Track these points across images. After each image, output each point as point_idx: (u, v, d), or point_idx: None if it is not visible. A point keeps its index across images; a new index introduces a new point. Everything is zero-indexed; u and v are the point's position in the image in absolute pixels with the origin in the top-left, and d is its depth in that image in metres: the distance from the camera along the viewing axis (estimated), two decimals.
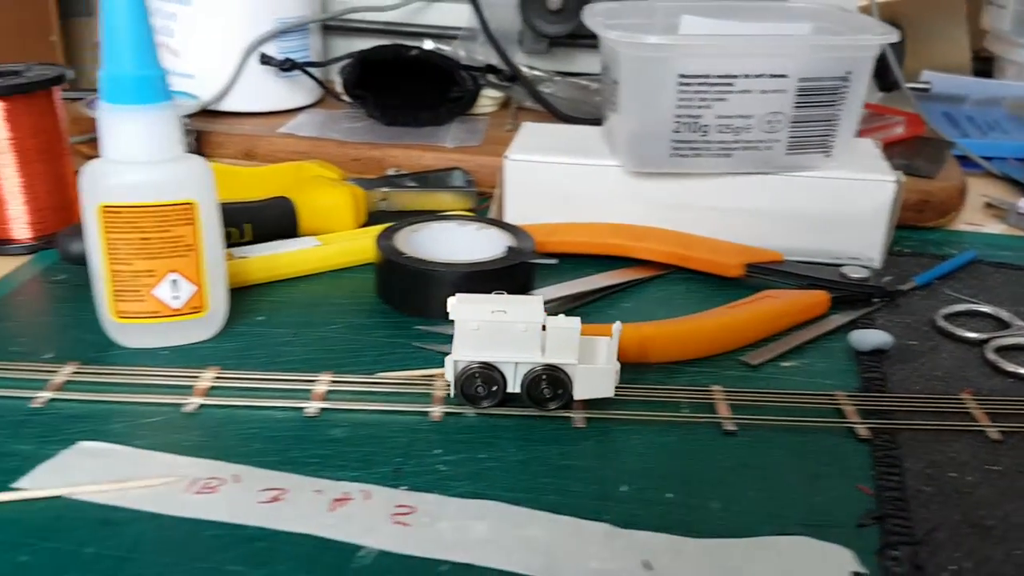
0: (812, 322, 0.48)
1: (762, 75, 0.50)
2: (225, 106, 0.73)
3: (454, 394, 0.40)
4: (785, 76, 0.50)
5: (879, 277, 0.53)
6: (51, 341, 0.44)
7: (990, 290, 0.53)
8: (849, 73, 0.51)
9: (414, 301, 0.48)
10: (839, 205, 0.53)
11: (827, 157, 0.53)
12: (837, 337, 0.47)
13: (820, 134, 0.52)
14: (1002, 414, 0.41)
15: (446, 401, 0.40)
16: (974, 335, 0.47)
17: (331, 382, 0.41)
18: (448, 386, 0.40)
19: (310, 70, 0.74)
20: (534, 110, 0.77)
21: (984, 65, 0.98)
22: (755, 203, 0.54)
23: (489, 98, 0.77)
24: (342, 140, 0.68)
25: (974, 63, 0.96)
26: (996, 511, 0.35)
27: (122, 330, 0.43)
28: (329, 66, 0.76)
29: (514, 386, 0.39)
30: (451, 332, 0.39)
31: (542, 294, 0.50)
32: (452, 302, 0.39)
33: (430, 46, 0.79)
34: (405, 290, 0.48)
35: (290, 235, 0.54)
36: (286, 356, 0.44)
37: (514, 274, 0.49)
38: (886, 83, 0.75)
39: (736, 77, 0.50)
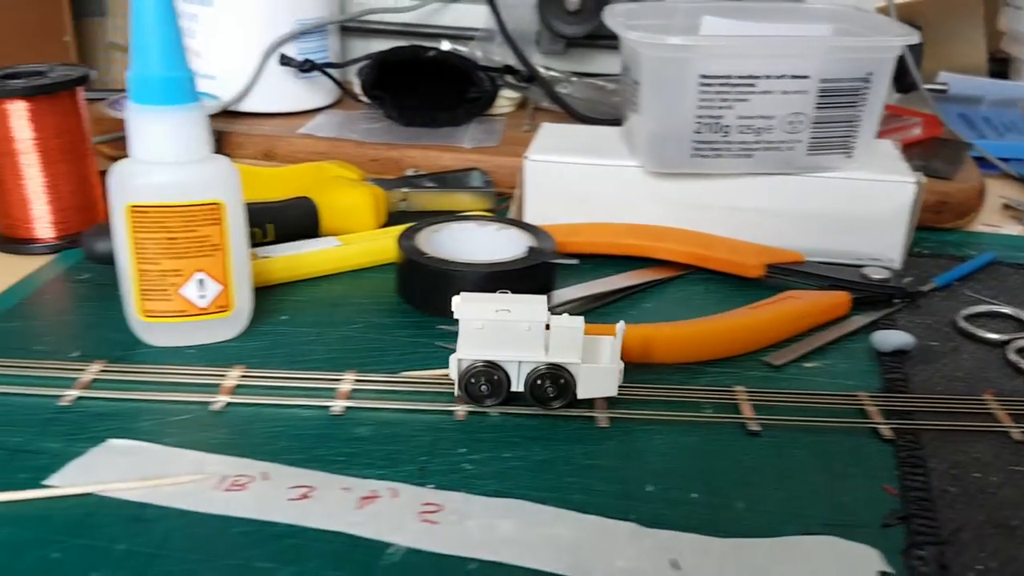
0: (833, 323, 0.48)
1: (784, 76, 0.50)
2: (245, 107, 0.73)
3: (458, 393, 0.40)
4: (807, 77, 0.50)
5: (899, 278, 0.53)
6: (77, 340, 0.44)
7: (1010, 291, 0.53)
8: (870, 74, 0.51)
9: (436, 301, 0.48)
10: (860, 206, 0.53)
11: (848, 158, 0.53)
12: (858, 338, 0.47)
13: (841, 135, 0.52)
14: None
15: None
16: (995, 336, 0.47)
17: (355, 381, 0.42)
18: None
19: (329, 71, 0.74)
20: (551, 111, 0.78)
21: (1000, 66, 0.98)
22: (775, 203, 0.54)
23: (506, 99, 0.77)
24: (360, 141, 0.68)
25: (990, 64, 0.96)
26: (1020, 511, 0.35)
27: (149, 329, 0.43)
28: (347, 67, 0.76)
29: (518, 385, 0.40)
30: None
31: (562, 294, 0.50)
32: (456, 301, 0.39)
33: (447, 47, 0.79)
34: (427, 290, 0.48)
35: (311, 235, 0.55)
36: (310, 355, 0.44)
37: (535, 274, 0.49)
38: (904, 84, 0.75)
39: (758, 78, 0.50)
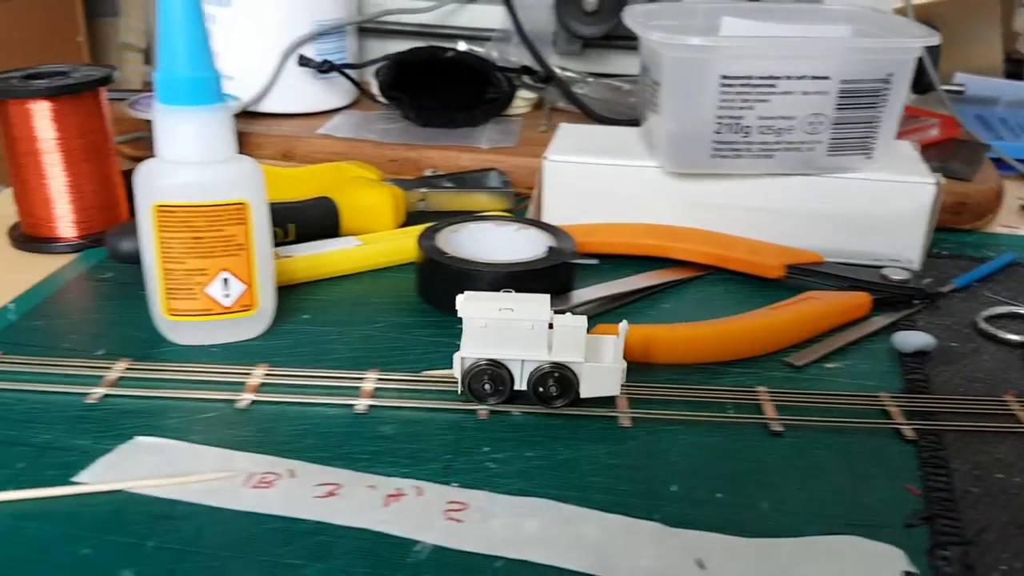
0: (854, 323, 0.48)
1: (804, 77, 0.50)
2: (263, 107, 0.73)
3: (461, 391, 0.40)
4: (827, 78, 0.50)
5: (919, 279, 0.53)
6: (102, 338, 0.45)
7: None
8: (891, 75, 0.51)
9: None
10: (879, 207, 0.53)
11: (868, 159, 0.53)
12: (879, 339, 0.47)
13: (861, 136, 0.52)
14: None
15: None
16: (1015, 337, 0.47)
17: (377, 380, 0.42)
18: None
19: (347, 72, 0.74)
20: (567, 111, 0.78)
21: (1017, 67, 0.97)
22: (794, 204, 0.54)
23: (522, 99, 0.78)
24: (378, 141, 0.69)
25: (1006, 65, 0.96)
26: None
27: (174, 327, 0.44)
28: (365, 68, 0.76)
29: (521, 383, 0.40)
30: None
31: (582, 294, 0.50)
32: (460, 300, 0.39)
33: (463, 48, 0.79)
34: (448, 290, 0.48)
35: (332, 235, 0.55)
36: (332, 354, 0.44)
37: (555, 274, 0.49)
38: (920, 85, 0.74)
39: (779, 79, 0.50)
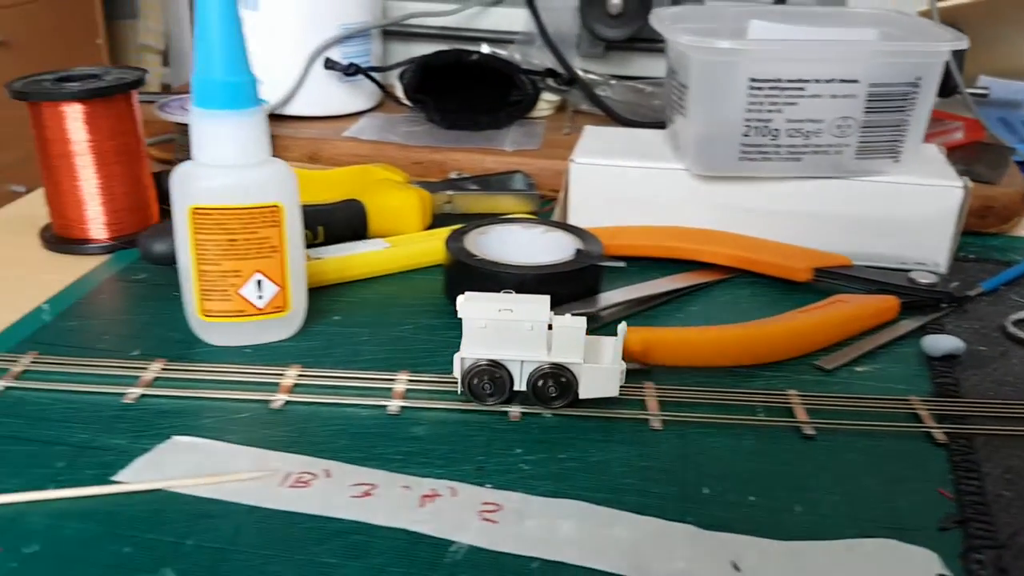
0: (882, 327, 0.48)
1: (833, 80, 0.50)
2: (289, 110, 0.74)
3: (461, 391, 0.40)
4: (856, 81, 0.50)
5: (946, 283, 0.52)
6: (136, 338, 0.45)
7: None
8: (919, 79, 0.51)
9: None
10: (907, 210, 0.53)
11: (896, 162, 0.53)
12: (907, 342, 0.47)
13: (889, 139, 0.52)
14: None
15: (523, 401, 0.41)
16: None
17: (408, 381, 0.42)
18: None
19: (372, 75, 0.75)
20: (590, 113, 0.78)
21: None
22: (821, 207, 0.54)
23: (546, 102, 0.78)
24: (403, 144, 0.69)
25: None
26: None
27: (208, 328, 0.44)
28: (389, 71, 0.77)
29: (520, 384, 0.40)
30: None
31: (608, 297, 0.50)
32: (460, 300, 0.40)
33: (487, 50, 0.79)
34: (476, 291, 0.49)
35: (360, 237, 0.55)
36: (363, 355, 0.45)
37: (583, 277, 0.49)
38: (945, 88, 0.74)
39: (807, 82, 0.50)
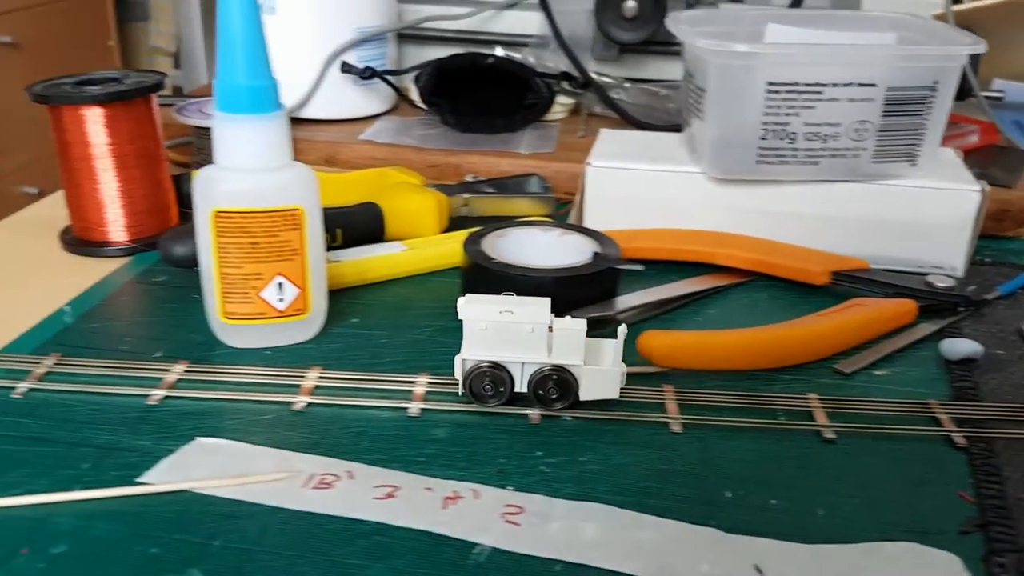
0: (900, 330, 0.48)
1: (851, 84, 0.50)
2: (305, 113, 0.74)
3: (462, 392, 0.41)
4: (874, 85, 0.50)
5: (963, 286, 0.52)
6: (158, 340, 0.46)
7: None
8: (936, 83, 0.51)
9: None
10: (924, 214, 0.53)
11: (913, 166, 0.53)
12: (925, 346, 0.47)
13: (907, 143, 0.52)
14: None
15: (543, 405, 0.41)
16: None
17: (428, 383, 0.42)
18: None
19: (388, 78, 0.75)
20: (604, 116, 0.78)
21: None
22: (838, 210, 0.54)
23: (560, 105, 0.78)
24: (419, 147, 0.69)
25: None
26: None
27: (229, 330, 0.44)
28: (405, 74, 0.77)
29: (521, 386, 0.40)
30: None
31: (626, 300, 0.50)
32: (461, 302, 0.40)
33: (501, 53, 0.80)
34: (492, 294, 0.49)
35: (377, 240, 0.56)
36: (383, 358, 0.45)
37: (601, 280, 0.49)
38: (960, 91, 0.74)
39: (825, 85, 0.50)
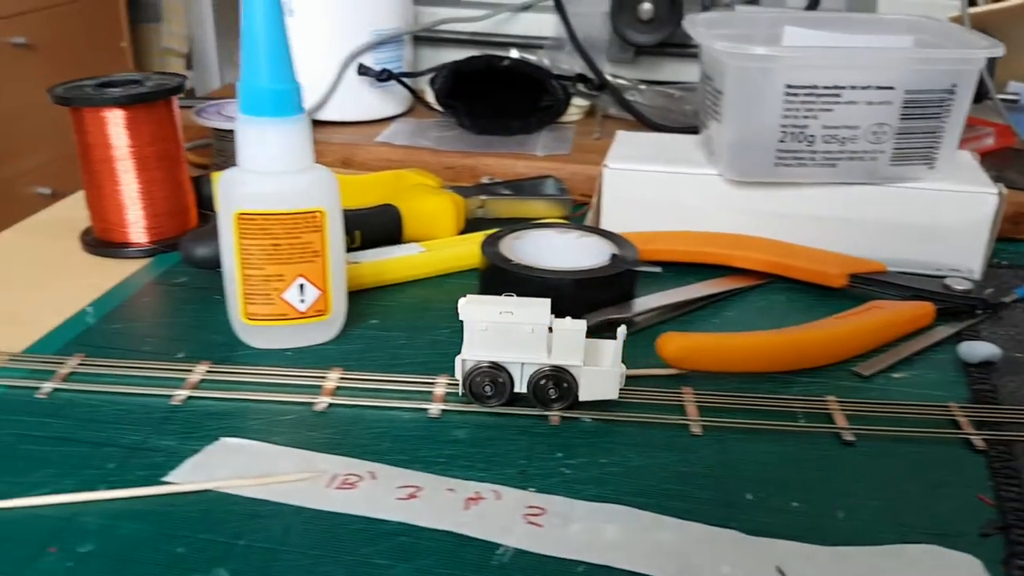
0: (917, 333, 0.48)
1: (869, 87, 0.50)
2: (322, 115, 0.74)
3: (462, 392, 0.41)
4: (892, 88, 0.50)
5: (981, 289, 0.52)
6: (181, 341, 0.46)
7: None
8: (955, 86, 0.51)
9: None
10: (942, 217, 0.53)
11: (930, 169, 0.53)
12: (943, 348, 0.47)
13: (924, 146, 0.52)
14: None
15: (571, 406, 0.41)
16: None
17: (448, 384, 0.43)
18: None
19: (404, 80, 0.75)
20: (619, 118, 0.78)
21: None
22: (856, 213, 0.54)
23: (575, 107, 0.78)
24: (435, 148, 0.70)
25: None
26: None
27: (251, 331, 0.45)
28: (421, 76, 0.77)
29: (521, 386, 0.41)
30: None
31: (644, 302, 0.50)
32: (461, 303, 0.40)
33: (516, 56, 0.80)
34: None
35: (395, 241, 0.56)
36: (402, 359, 0.45)
37: (619, 282, 0.49)
38: (976, 94, 0.74)
39: (843, 88, 0.50)
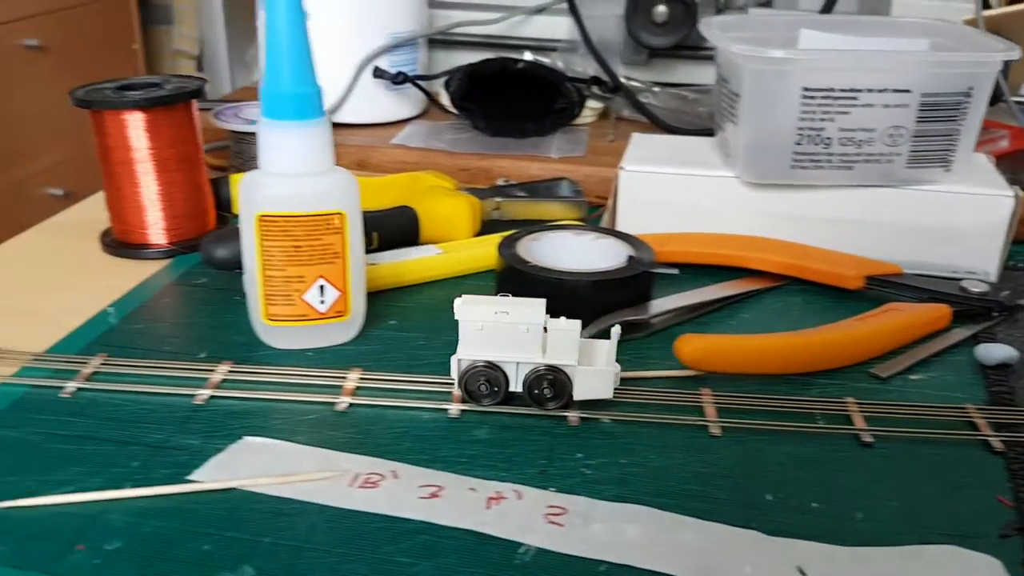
0: (934, 335, 0.48)
1: (886, 90, 0.50)
2: (338, 118, 0.75)
3: (457, 391, 0.41)
4: (909, 91, 0.50)
5: (997, 291, 0.52)
6: (202, 341, 0.46)
7: None
8: (971, 89, 0.51)
9: None
10: (958, 219, 0.53)
11: (947, 171, 0.53)
12: (960, 350, 0.47)
13: (941, 148, 0.53)
14: None
15: (582, 407, 0.41)
16: None
17: None
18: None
19: (420, 83, 0.76)
20: (632, 120, 0.78)
21: None
22: (872, 215, 0.54)
23: (589, 109, 0.78)
24: (450, 151, 0.70)
25: None
26: None
27: (272, 332, 0.45)
28: (436, 79, 0.78)
29: (516, 385, 0.41)
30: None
31: (660, 304, 0.51)
32: (457, 303, 0.40)
33: (529, 58, 0.80)
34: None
35: (412, 243, 0.56)
36: (421, 359, 0.45)
37: (636, 283, 0.50)
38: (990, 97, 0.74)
39: (860, 91, 0.50)
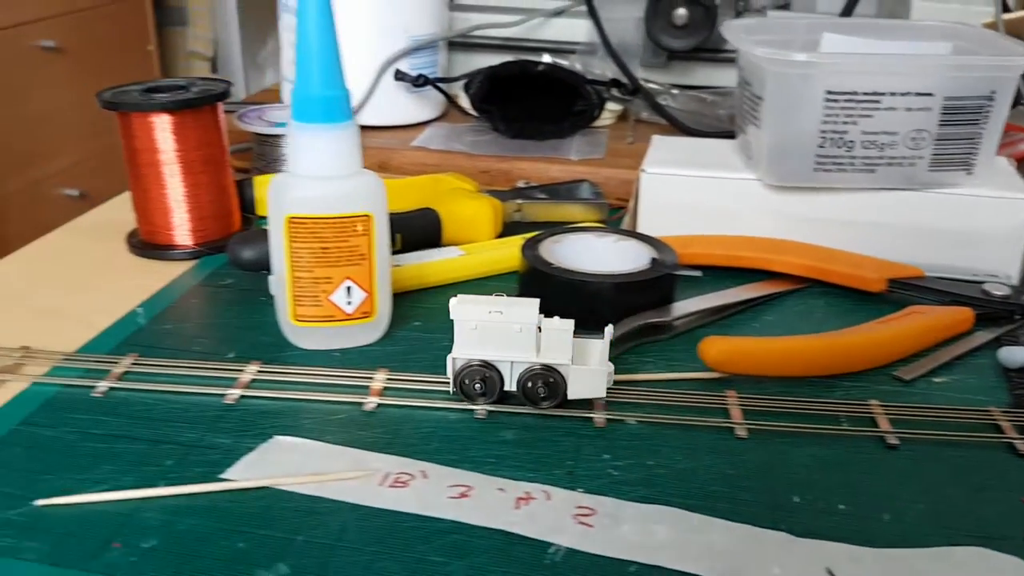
0: (957, 338, 0.48)
1: (908, 93, 0.50)
2: (359, 120, 0.75)
3: (453, 390, 0.42)
4: (931, 95, 0.51)
5: (1019, 294, 0.53)
6: (230, 341, 0.47)
7: None
8: (994, 92, 0.51)
9: (564, 311, 0.49)
10: (979, 222, 0.54)
11: (969, 175, 0.54)
12: (983, 353, 0.47)
13: (963, 152, 0.53)
14: None
15: (608, 408, 0.42)
16: None
17: None
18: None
19: (440, 85, 0.76)
20: (651, 123, 0.79)
21: None
22: (894, 218, 0.55)
23: (608, 111, 0.79)
24: (470, 153, 0.70)
25: None
26: None
27: (299, 332, 0.46)
28: (456, 81, 0.78)
29: (510, 384, 0.41)
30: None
31: (683, 306, 0.51)
32: (452, 302, 0.41)
33: (548, 60, 0.81)
34: (554, 300, 0.50)
35: (434, 245, 0.57)
36: (446, 360, 0.46)
37: (659, 285, 0.50)
38: None
39: (883, 95, 0.50)
